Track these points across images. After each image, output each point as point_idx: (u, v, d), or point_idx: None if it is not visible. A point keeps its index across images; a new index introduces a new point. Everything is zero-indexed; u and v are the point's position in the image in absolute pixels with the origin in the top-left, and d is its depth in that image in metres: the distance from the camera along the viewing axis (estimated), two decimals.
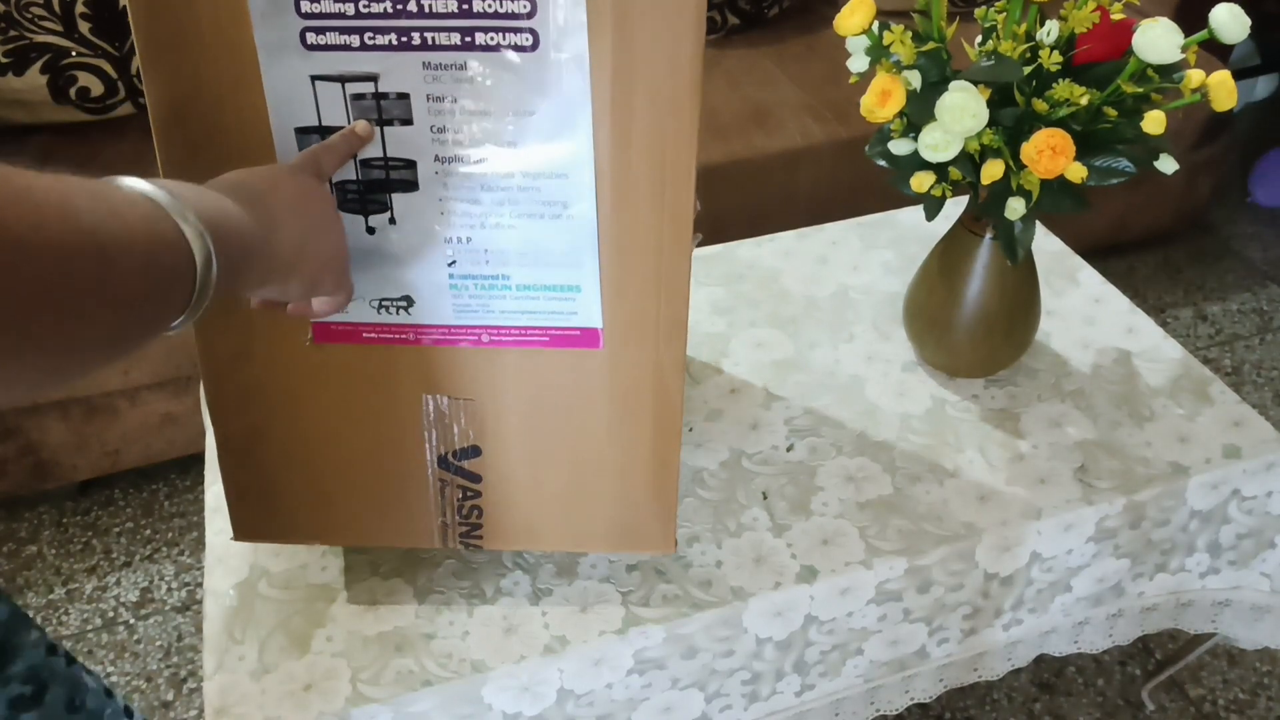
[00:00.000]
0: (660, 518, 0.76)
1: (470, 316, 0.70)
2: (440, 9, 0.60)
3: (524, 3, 0.60)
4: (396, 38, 0.61)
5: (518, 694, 0.78)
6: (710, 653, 0.82)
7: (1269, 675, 1.33)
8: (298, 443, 0.74)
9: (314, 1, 0.60)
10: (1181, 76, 0.77)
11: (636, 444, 0.73)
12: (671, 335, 0.69)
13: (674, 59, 0.61)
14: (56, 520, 1.56)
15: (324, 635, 0.78)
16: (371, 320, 0.70)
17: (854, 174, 1.61)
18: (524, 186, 0.66)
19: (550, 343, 0.71)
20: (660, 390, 0.71)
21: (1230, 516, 0.94)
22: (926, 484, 0.89)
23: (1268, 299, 1.93)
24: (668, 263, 0.67)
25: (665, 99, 0.62)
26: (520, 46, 0.61)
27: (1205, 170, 1.89)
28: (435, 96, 0.63)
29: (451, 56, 0.61)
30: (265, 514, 0.77)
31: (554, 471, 0.75)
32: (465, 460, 0.75)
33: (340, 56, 0.62)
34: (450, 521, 0.77)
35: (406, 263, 0.68)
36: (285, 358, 0.71)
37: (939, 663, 0.93)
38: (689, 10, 0.60)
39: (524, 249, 0.68)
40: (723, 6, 1.76)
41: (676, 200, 0.65)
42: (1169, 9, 1.74)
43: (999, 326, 0.94)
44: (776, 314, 1.07)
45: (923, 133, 0.77)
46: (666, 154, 0.64)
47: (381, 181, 0.65)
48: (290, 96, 0.63)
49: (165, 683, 1.35)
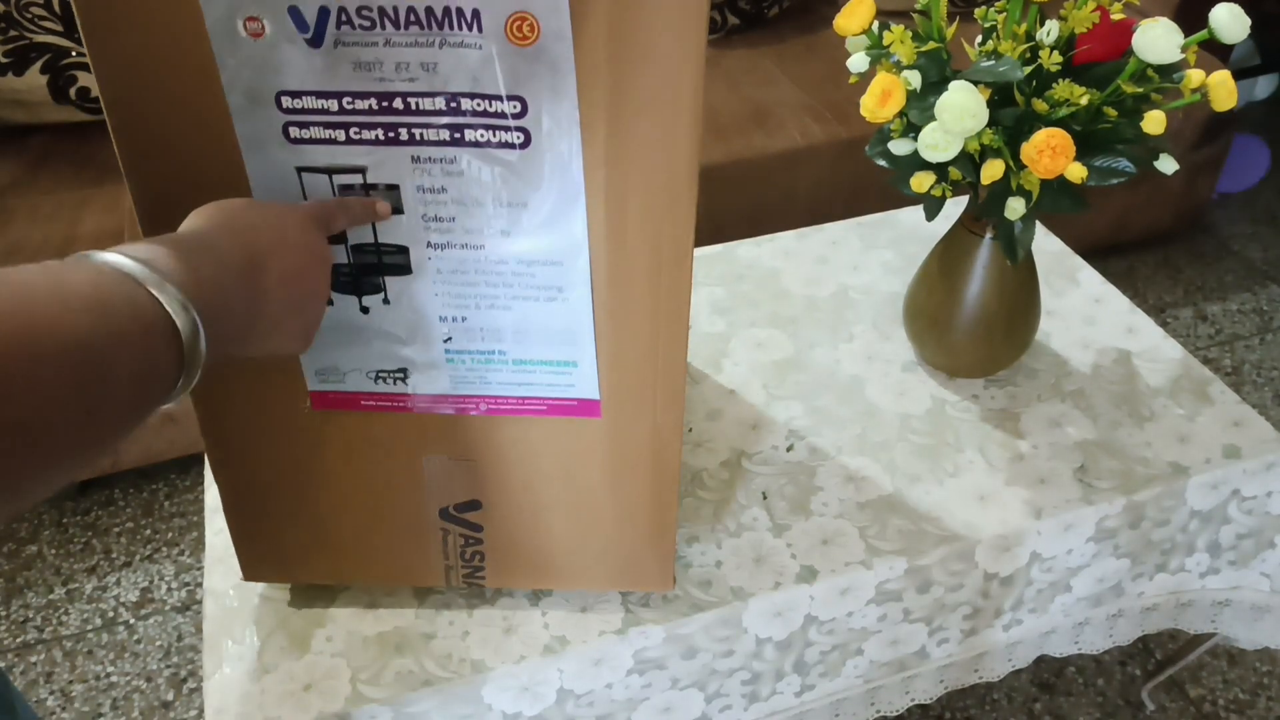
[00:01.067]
0: (659, 560, 0.77)
1: (467, 387, 0.70)
2: (428, 107, 0.58)
3: (514, 103, 0.58)
4: (383, 133, 0.59)
5: (517, 694, 0.78)
6: (710, 653, 0.82)
7: (1269, 675, 1.33)
8: (300, 496, 0.75)
9: (295, 98, 0.57)
10: (1181, 76, 0.77)
11: (635, 500, 0.74)
12: (670, 403, 0.69)
13: (670, 151, 0.59)
14: (56, 520, 1.56)
15: (324, 635, 0.78)
16: (369, 390, 0.70)
17: (854, 174, 1.61)
18: (518, 272, 0.64)
19: (548, 411, 0.70)
20: (658, 452, 0.71)
21: (1230, 516, 0.94)
22: (926, 484, 0.89)
23: (1268, 299, 1.93)
24: (664, 338, 0.66)
25: (661, 188, 0.61)
26: (511, 144, 0.59)
27: (1205, 170, 1.89)
28: (425, 188, 0.61)
29: (441, 151, 0.60)
30: (272, 559, 0.78)
31: (553, 523, 0.75)
32: (466, 512, 0.75)
33: (325, 149, 0.59)
34: (454, 564, 0.78)
35: (402, 339, 0.68)
36: (282, 423, 0.71)
37: (939, 663, 0.93)
38: (685, 106, 0.58)
39: (519, 327, 0.67)
40: (723, 6, 1.76)
41: (673, 281, 0.64)
42: (1169, 9, 1.74)
43: (999, 326, 0.94)
44: (776, 314, 1.07)
45: (923, 133, 0.77)
46: (663, 240, 0.63)
47: (374, 265, 0.64)
48: (275, 185, 0.61)
49: (165, 683, 1.35)
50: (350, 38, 0.56)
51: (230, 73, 0.56)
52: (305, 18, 0.55)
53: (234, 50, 0.56)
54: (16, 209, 1.39)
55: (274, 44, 0.56)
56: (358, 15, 0.55)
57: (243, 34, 0.55)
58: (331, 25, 0.55)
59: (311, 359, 0.68)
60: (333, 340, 0.67)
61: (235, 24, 0.55)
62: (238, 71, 0.56)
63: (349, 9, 0.55)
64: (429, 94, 0.57)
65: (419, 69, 0.57)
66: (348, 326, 0.66)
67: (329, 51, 0.56)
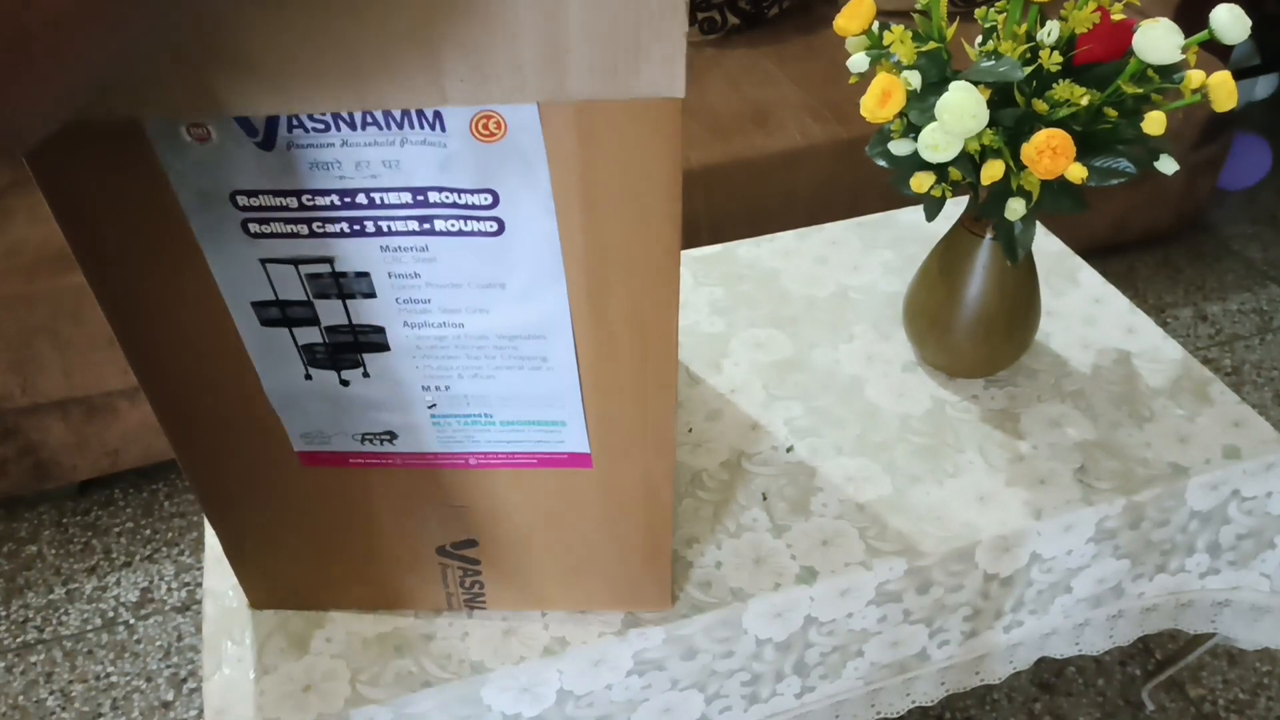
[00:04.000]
0: (656, 584, 0.77)
1: (456, 445, 0.68)
2: (394, 200, 0.55)
3: (484, 195, 0.55)
4: (349, 226, 0.56)
5: (517, 695, 0.78)
6: (710, 654, 0.82)
7: (1269, 675, 1.33)
8: (296, 540, 0.75)
9: (251, 196, 0.54)
10: (1182, 77, 0.77)
11: (629, 537, 0.74)
12: (660, 451, 0.68)
13: (647, 231, 0.57)
14: (56, 520, 1.56)
15: (323, 636, 0.78)
16: (356, 449, 0.69)
17: (854, 174, 1.61)
18: (500, 345, 0.63)
19: (539, 464, 0.70)
20: (650, 495, 0.71)
21: (1230, 517, 0.94)
22: (926, 484, 0.89)
23: (1268, 299, 1.93)
24: (652, 399, 0.65)
25: (641, 268, 0.58)
26: (485, 232, 0.56)
27: (1205, 170, 1.89)
28: (398, 274, 0.58)
29: (411, 240, 0.57)
30: (275, 591, 0.79)
31: (550, 558, 0.76)
32: (463, 549, 0.75)
33: (288, 243, 0.57)
34: (454, 591, 0.78)
35: (385, 406, 0.66)
36: (272, 478, 0.70)
37: (940, 665, 0.93)
38: (662, 187, 0.55)
39: (505, 393, 0.65)
40: (723, 6, 1.76)
41: (660, 347, 0.63)
42: (1169, 9, 1.74)
43: (999, 327, 0.93)
44: (776, 314, 1.07)
45: (923, 133, 0.77)
46: (647, 311, 0.61)
47: (350, 344, 0.62)
48: (240, 276, 0.58)
49: (165, 683, 1.35)
50: (304, 140, 0.52)
51: (178, 175, 0.53)
52: (254, 124, 0.51)
53: (179, 155, 0.52)
54: (16, 209, 1.39)
55: (221, 147, 0.52)
56: (310, 120, 0.51)
57: (187, 139, 0.52)
58: (283, 130, 0.52)
59: (294, 424, 0.67)
60: (314, 409, 0.66)
61: (178, 130, 0.51)
62: (185, 174, 0.53)
63: (299, 114, 0.51)
64: (394, 189, 0.55)
65: (380, 166, 0.54)
66: (329, 398, 0.65)
67: (282, 153, 0.53)
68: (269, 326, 0.61)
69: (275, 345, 0.62)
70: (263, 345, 0.62)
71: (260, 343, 0.62)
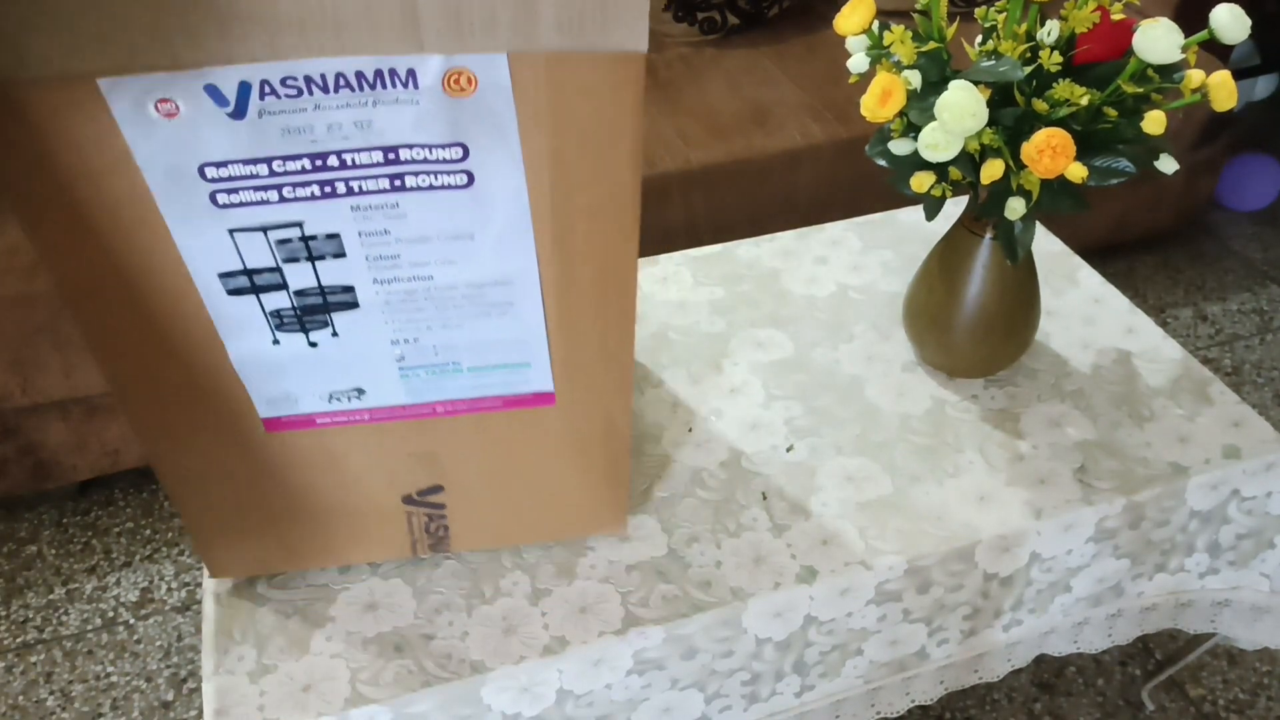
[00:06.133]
0: (614, 510, 0.81)
1: (423, 396, 0.69)
2: (365, 160, 0.56)
3: (455, 149, 0.56)
4: (319, 188, 0.57)
5: (517, 694, 0.78)
6: (710, 653, 0.82)
7: (1269, 675, 1.33)
8: (259, 504, 0.74)
9: (220, 167, 0.55)
10: (1181, 77, 0.77)
11: (590, 470, 0.77)
12: (620, 386, 0.71)
13: (611, 179, 0.59)
14: (56, 520, 1.56)
15: (323, 635, 0.78)
16: (324, 409, 0.69)
17: (854, 174, 1.61)
18: (469, 295, 0.64)
19: (505, 406, 0.71)
20: (610, 428, 0.74)
21: (1230, 517, 0.94)
22: (926, 484, 0.89)
23: (1268, 299, 1.93)
24: (613, 335, 0.68)
25: (606, 215, 0.61)
26: (454, 185, 0.58)
27: (1205, 170, 1.89)
28: (367, 232, 0.60)
29: (382, 199, 0.58)
30: (237, 558, 0.79)
31: (513, 496, 0.78)
32: (429, 495, 0.76)
33: (258, 210, 0.57)
34: (419, 537, 0.79)
35: (354, 364, 0.67)
36: (234, 448, 0.70)
37: (939, 664, 0.93)
38: (625, 137, 0.57)
39: (472, 341, 0.67)
40: (723, 6, 1.76)
41: (619, 284, 0.65)
42: (1169, 9, 1.74)
43: (999, 326, 0.93)
44: (776, 314, 1.07)
45: (923, 133, 0.77)
46: (609, 259, 0.63)
47: (320, 306, 0.63)
48: (207, 249, 0.58)
49: (165, 683, 1.35)
50: (276, 107, 0.53)
51: (145, 155, 0.53)
52: (224, 93, 0.52)
53: (148, 134, 0.53)
54: None
55: (192, 121, 0.53)
56: (282, 85, 0.52)
57: (154, 115, 0.52)
58: (255, 97, 0.52)
59: (260, 391, 0.67)
60: (281, 374, 0.66)
61: (146, 108, 0.51)
62: (153, 154, 0.54)
63: (272, 80, 0.52)
64: (365, 149, 0.56)
65: (352, 128, 0.55)
66: (298, 360, 0.65)
67: (253, 122, 0.53)
68: (235, 295, 0.61)
69: (242, 314, 0.62)
70: (228, 315, 0.62)
71: (226, 312, 0.61)
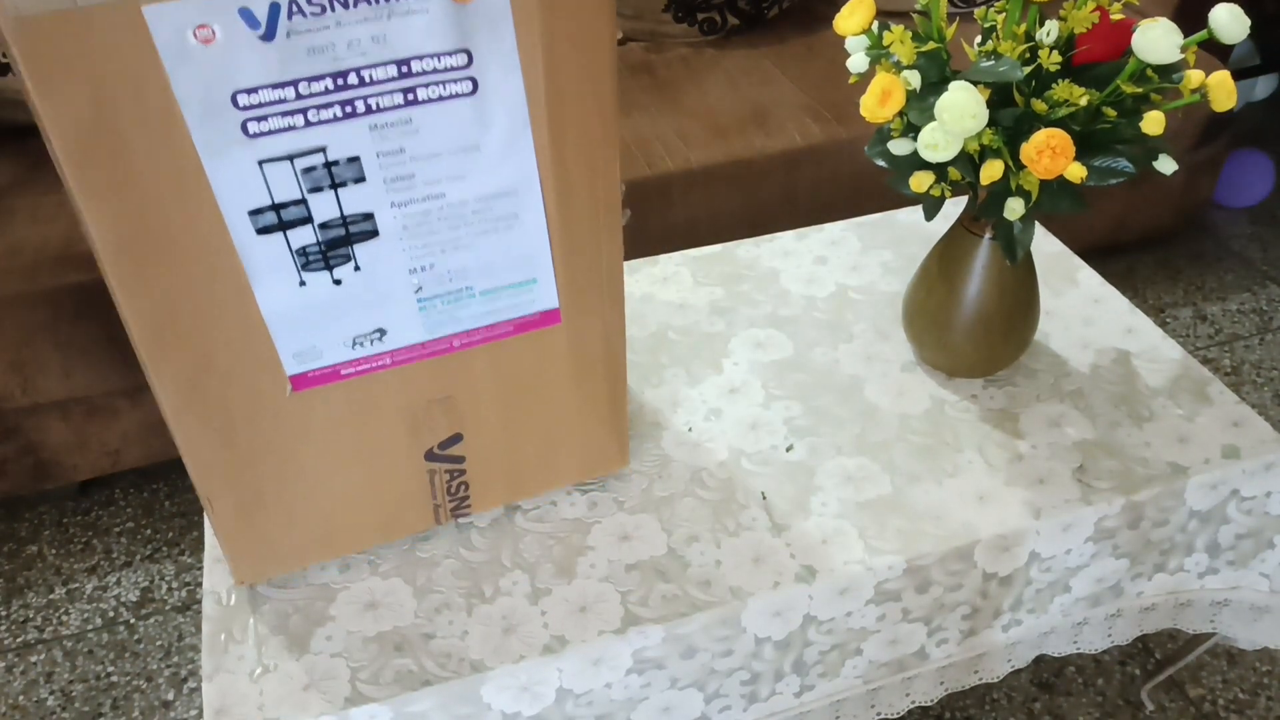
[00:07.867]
0: (617, 442, 0.87)
1: (440, 329, 0.73)
2: (381, 75, 0.61)
3: (460, 55, 0.62)
4: (341, 109, 0.62)
5: (517, 694, 0.78)
6: (709, 652, 0.82)
7: (1269, 675, 1.33)
8: (289, 486, 0.76)
9: (251, 93, 0.59)
10: (1181, 77, 0.77)
11: (594, 393, 0.83)
12: (613, 303, 0.78)
13: (596, 76, 0.66)
14: (56, 520, 1.56)
15: (323, 635, 0.78)
16: (348, 358, 0.72)
17: (854, 174, 1.61)
18: (478, 210, 0.69)
19: (515, 330, 0.76)
20: (609, 347, 0.81)
21: (1229, 517, 0.94)
22: (925, 484, 0.89)
23: (1268, 299, 1.93)
24: (606, 245, 0.75)
25: (592, 110, 0.68)
26: (461, 93, 0.64)
27: (1205, 170, 1.89)
28: (385, 152, 0.64)
29: (396, 114, 0.63)
30: (265, 557, 0.80)
31: (526, 433, 0.83)
32: (449, 448, 0.80)
33: (285, 138, 0.61)
34: (441, 502, 0.82)
35: (376, 303, 0.70)
36: (266, 416, 0.72)
37: (939, 664, 0.93)
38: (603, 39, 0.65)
39: (483, 261, 0.71)
40: (723, 7, 1.76)
41: (607, 193, 0.72)
42: (1169, 9, 1.74)
43: (998, 326, 0.94)
44: (776, 314, 1.07)
45: (922, 133, 0.77)
46: (596, 159, 0.70)
47: (343, 238, 0.67)
48: (238, 184, 0.62)
49: (165, 683, 1.35)
50: (302, 26, 0.58)
51: (183, 87, 0.57)
52: (256, 16, 0.56)
53: (186, 61, 0.56)
54: (16, 209, 1.39)
55: (227, 47, 0.57)
56: (308, 4, 0.57)
57: (194, 43, 0.56)
58: (283, 17, 0.57)
59: (288, 343, 0.69)
60: (309, 320, 0.69)
61: (185, 36, 0.55)
62: (191, 85, 0.57)
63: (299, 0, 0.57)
64: (381, 64, 0.61)
65: (369, 43, 0.60)
66: (323, 304, 0.68)
67: (282, 44, 0.58)
68: (264, 234, 0.64)
69: (270, 255, 0.65)
70: (258, 258, 0.65)
71: (255, 255, 0.65)
